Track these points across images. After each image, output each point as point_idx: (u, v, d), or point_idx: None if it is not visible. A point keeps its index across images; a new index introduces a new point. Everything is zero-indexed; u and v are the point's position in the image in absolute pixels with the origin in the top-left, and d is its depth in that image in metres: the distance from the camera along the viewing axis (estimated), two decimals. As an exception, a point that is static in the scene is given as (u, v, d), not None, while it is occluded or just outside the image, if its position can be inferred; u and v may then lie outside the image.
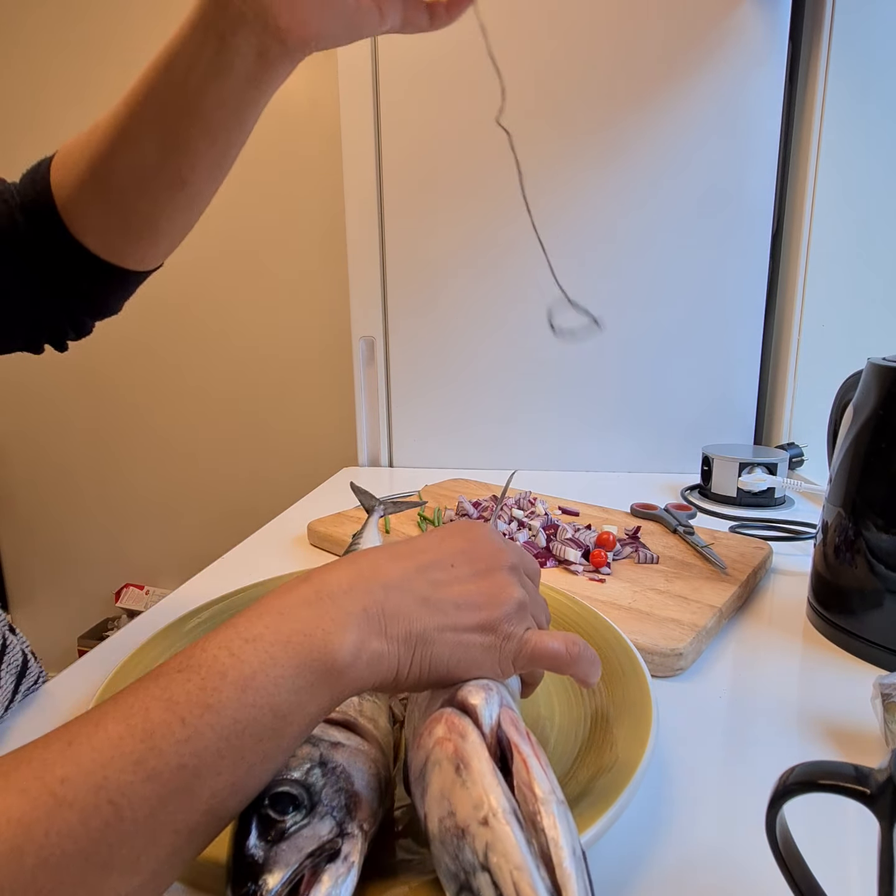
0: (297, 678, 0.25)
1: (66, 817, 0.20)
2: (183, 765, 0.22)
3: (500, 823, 0.22)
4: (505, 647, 0.30)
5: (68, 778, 0.21)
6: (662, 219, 0.95)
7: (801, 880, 0.25)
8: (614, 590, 0.57)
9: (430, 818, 0.25)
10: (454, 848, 0.23)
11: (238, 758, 0.23)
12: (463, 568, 0.31)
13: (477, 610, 0.30)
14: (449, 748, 0.25)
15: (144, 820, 0.21)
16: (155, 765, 0.22)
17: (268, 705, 0.24)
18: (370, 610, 0.28)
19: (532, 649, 0.30)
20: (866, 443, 0.50)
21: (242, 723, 0.24)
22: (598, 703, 0.39)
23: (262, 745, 0.24)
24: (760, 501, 0.85)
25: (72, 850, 0.20)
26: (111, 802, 0.21)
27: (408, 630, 0.28)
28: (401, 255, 1.04)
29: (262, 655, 0.25)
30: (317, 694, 0.25)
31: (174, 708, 0.23)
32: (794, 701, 0.45)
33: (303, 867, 0.24)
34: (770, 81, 0.90)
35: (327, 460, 1.66)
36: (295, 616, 0.26)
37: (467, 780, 0.24)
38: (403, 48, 0.96)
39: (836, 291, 0.95)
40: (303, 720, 0.25)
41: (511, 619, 0.30)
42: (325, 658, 0.26)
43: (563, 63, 0.93)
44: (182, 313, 1.80)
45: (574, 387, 1.03)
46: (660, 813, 0.35)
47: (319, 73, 1.60)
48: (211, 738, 0.23)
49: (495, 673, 0.30)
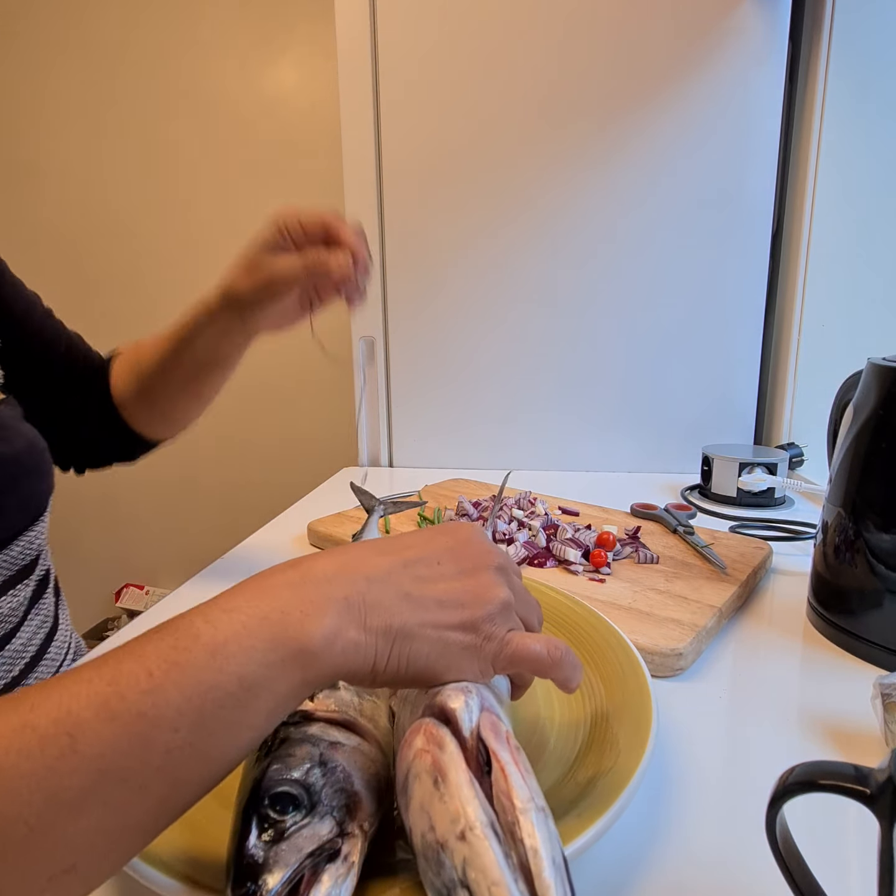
0: (269, 652, 0.25)
1: (27, 739, 0.21)
2: (143, 713, 0.23)
3: (477, 838, 0.21)
4: (485, 648, 0.30)
5: (37, 706, 0.22)
6: (662, 219, 0.95)
7: (801, 880, 0.25)
8: (614, 590, 0.57)
9: (413, 832, 0.24)
10: (436, 863, 0.22)
11: (198, 719, 0.23)
12: (449, 566, 0.31)
13: (460, 608, 0.30)
14: (427, 760, 0.25)
15: (96, 758, 0.22)
16: (116, 708, 0.22)
17: (235, 673, 0.24)
18: (351, 599, 0.28)
19: (513, 651, 0.30)
20: (866, 443, 0.50)
21: (206, 684, 0.24)
22: (598, 704, 0.39)
23: (225, 713, 0.24)
24: (760, 501, 0.85)
25: (26, 770, 0.21)
26: (69, 734, 0.22)
27: (388, 623, 0.28)
28: (401, 254, 1.04)
29: (237, 626, 0.25)
30: (287, 672, 0.25)
31: (143, 661, 0.24)
32: (794, 701, 0.45)
33: (303, 867, 0.24)
34: (770, 81, 0.90)
35: (327, 460, 1.67)
36: (275, 595, 0.27)
37: (445, 794, 0.23)
38: (404, 48, 0.96)
39: (836, 291, 0.95)
40: (270, 697, 0.25)
41: (494, 620, 0.30)
42: (300, 637, 0.26)
43: (563, 62, 0.93)
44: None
45: (574, 387, 1.03)
46: (660, 813, 0.35)
47: (319, 72, 1.60)
48: (173, 694, 0.23)
49: (474, 673, 0.30)
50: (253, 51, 1.62)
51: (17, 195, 1.78)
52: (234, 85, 1.64)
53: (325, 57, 1.59)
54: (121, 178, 1.76)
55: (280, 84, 1.63)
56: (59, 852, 0.21)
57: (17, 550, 0.47)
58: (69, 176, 1.78)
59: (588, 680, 0.41)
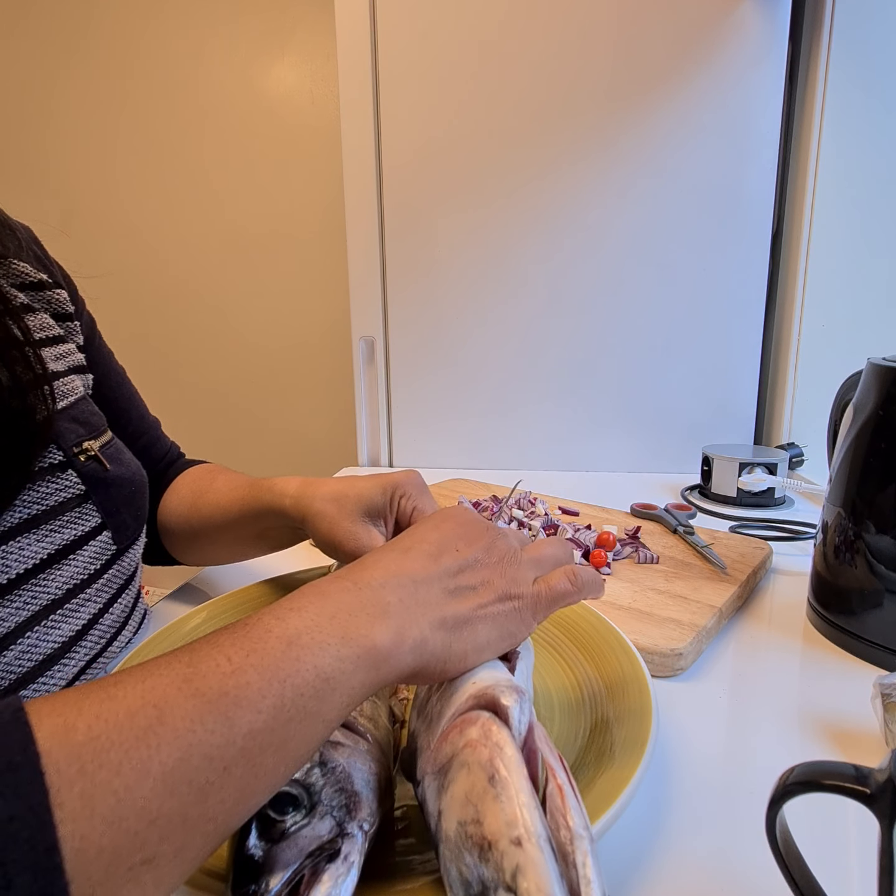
0: (342, 647, 0.26)
1: (114, 709, 0.21)
2: (225, 692, 0.23)
3: (535, 849, 0.21)
4: (523, 608, 0.33)
5: (120, 681, 0.22)
6: (662, 218, 0.95)
7: (801, 880, 0.25)
8: (614, 590, 0.57)
9: (446, 817, 0.24)
10: (474, 857, 0.22)
11: (279, 703, 0.23)
12: (466, 550, 0.34)
13: (490, 586, 0.33)
14: (483, 754, 0.25)
15: (184, 732, 0.21)
16: (199, 686, 0.23)
17: (311, 663, 0.25)
18: (405, 601, 0.29)
19: (546, 599, 0.34)
20: (866, 443, 0.50)
21: (285, 671, 0.24)
22: (598, 703, 0.39)
23: (303, 702, 0.24)
24: (760, 501, 0.85)
25: (116, 739, 0.20)
26: (155, 706, 0.21)
27: (442, 617, 0.30)
28: (401, 254, 1.04)
29: (308, 622, 0.26)
30: (360, 668, 0.26)
31: (221, 649, 0.24)
32: (794, 701, 0.45)
33: (303, 867, 0.24)
34: (770, 81, 0.90)
35: (327, 460, 1.66)
36: (338, 598, 0.28)
37: (501, 794, 0.23)
38: (404, 48, 0.96)
39: (836, 291, 0.95)
40: (345, 691, 0.25)
41: (518, 582, 0.34)
42: (370, 636, 0.27)
43: (562, 62, 0.93)
44: (182, 313, 1.80)
45: (574, 387, 1.03)
46: (660, 813, 0.35)
47: (319, 72, 1.60)
48: (253, 677, 0.23)
49: (525, 631, 0.33)
50: (253, 50, 1.62)
51: (21, 197, 1.79)
52: (234, 85, 1.65)
53: (325, 56, 1.59)
54: (120, 179, 1.76)
55: (280, 84, 1.63)
56: (144, 836, 0.20)
57: (127, 561, 0.50)
58: (75, 176, 1.78)
59: (588, 680, 0.42)
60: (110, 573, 0.47)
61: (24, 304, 0.46)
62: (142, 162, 1.74)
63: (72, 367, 0.49)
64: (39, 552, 0.41)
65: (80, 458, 0.45)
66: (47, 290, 0.49)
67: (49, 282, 0.49)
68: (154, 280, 1.80)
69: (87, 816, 0.19)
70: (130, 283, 1.80)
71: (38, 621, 0.40)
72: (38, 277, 0.48)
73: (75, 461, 0.44)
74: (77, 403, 0.47)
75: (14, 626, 0.39)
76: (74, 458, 0.44)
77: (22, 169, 1.80)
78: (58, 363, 0.47)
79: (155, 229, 1.77)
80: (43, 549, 0.41)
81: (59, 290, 0.50)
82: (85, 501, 0.45)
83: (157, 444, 0.64)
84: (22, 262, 0.48)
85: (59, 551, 0.42)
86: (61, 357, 0.48)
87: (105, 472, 0.46)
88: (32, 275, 0.48)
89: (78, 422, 0.46)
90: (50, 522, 0.42)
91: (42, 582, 0.41)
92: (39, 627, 0.41)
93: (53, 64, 1.73)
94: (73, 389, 0.48)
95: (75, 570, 0.43)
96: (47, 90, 1.75)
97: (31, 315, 0.46)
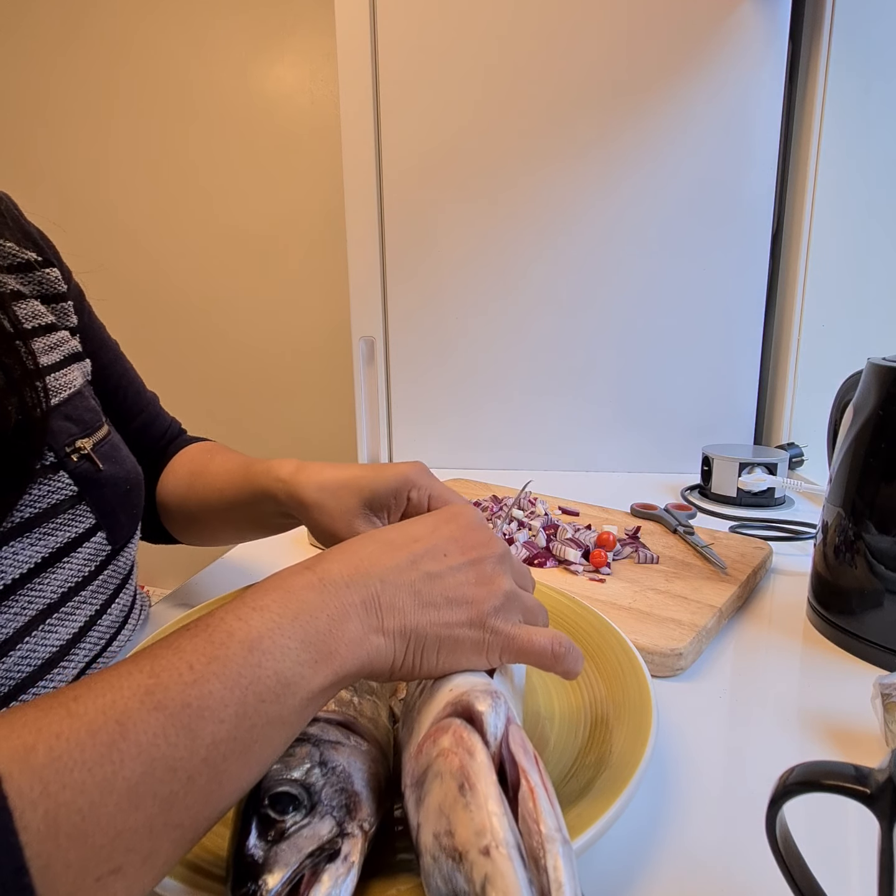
0: (302, 652, 0.26)
1: (75, 727, 0.21)
2: (188, 703, 0.23)
3: (503, 857, 0.21)
4: (492, 642, 0.31)
5: (80, 696, 0.22)
6: (662, 218, 0.95)
7: (801, 880, 0.25)
8: (614, 590, 0.57)
9: (423, 830, 0.24)
10: (448, 868, 0.22)
11: (241, 711, 0.23)
12: (455, 557, 0.32)
13: (466, 605, 0.31)
14: (454, 763, 0.24)
15: (147, 746, 0.21)
16: (161, 698, 0.22)
17: (272, 668, 0.25)
18: (368, 603, 0.28)
19: (518, 647, 0.31)
20: (866, 443, 0.50)
21: (247, 678, 0.24)
22: (599, 704, 0.39)
23: (265, 707, 0.24)
24: (760, 501, 0.85)
25: (79, 758, 0.20)
26: (118, 722, 0.21)
27: (403, 624, 0.29)
28: (401, 254, 1.04)
29: (270, 623, 0.26)
30: (319, 671, 0.26)
31: (181, 655, 0.24)
32: (794, 701, 0.45)
33: (303, 867, 0.24)
34: (770, 81, 0.90)
35: (327, 460, 1.66)
36: (301, 597, 0.27)
37: (471, 803, 0.23)
38: (404, 48, 0.96)
39: (836, 291, 0.95)
40: (306, 695, 0.25)
41: (498, 614, 0.31)
42: (329, 641, 0.26)
43: (563, 62, 0.93)
44: (182, 313, 1.80)
45: (574, 387, 1.03)
46: (660, 813, 0.35)
47: (319, 72, 1.60)
48: (216, 685, 0.23)
49: (483, 665, 0.31)
50: (253, 50, 1.62)
51: (18, 195, 1.78)
52: (233, 83, 1.64)
53: (325, 56, 1.59)
54: (119, 179, 1.76)
55: (280, 83, 1.63)
56: (109, 848, 0.20)
57: (122, 561, 0.50)
58: (71, 176, 1.78)
59: (588, 680, 0.41)
60: (106, 574, 0.47)
61: (13, 290, 0.44)
62: (141, 163, 1.74)
63: (67, 357, 0.47)
64: (33, 556, 0.40)
65: (72, 459, 0.43)
66: (37, 270, 0.47)
67: (39, 260, 0.47)
68: (153, 281, 1.80)
69: (53, 836, 0.19)
70: (129, 285, 1.80)
71: (35, 626, 0.40)
72: (26, 257, 0.46)
73: (67, 462, 0.43)
74: (71, 399, 0.46)
75: (12, 632, 0.38)
76: (66, 458, 0.43)
77: (21, 168, 1.80)
78: (51, 354, 0.45)
79: (154, 231, 1.77)
80: (37, 552, 0.40)
81: (50, 270, 0.48)
82: (78, 503, 0.44)
83: (157, 421, 0.62)
84: (7, 241, 0.45)
85: (53, 555, 0.41)
86: (55, 347, 0.46)
87: (98, 472, 0.45)
88: (20, 254, 0.46)
89: (71, 420, 0.45)
90: (43, 525, 0.41)
91: (37, 586, 0.40)
92: (37, 632, 0.40)
93: (51, 69, 1.73)
94: (67, 383, 0.46)
95: (70, 572, 0.43)
96: (46, 92, 1.75)
97: (21, 303, 0.44)
